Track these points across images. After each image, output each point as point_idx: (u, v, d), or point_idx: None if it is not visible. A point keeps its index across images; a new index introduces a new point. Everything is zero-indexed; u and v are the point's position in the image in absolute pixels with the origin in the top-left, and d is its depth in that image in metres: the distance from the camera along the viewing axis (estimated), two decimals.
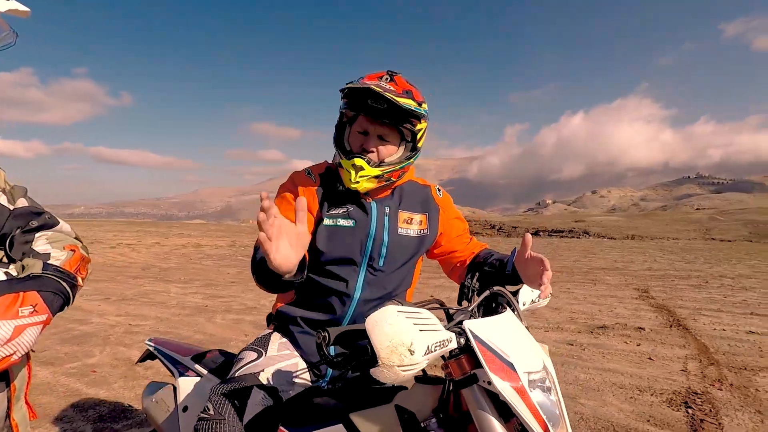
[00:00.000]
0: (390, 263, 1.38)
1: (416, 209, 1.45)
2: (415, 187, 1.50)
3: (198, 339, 4.72)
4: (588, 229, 50.85)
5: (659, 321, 5.76)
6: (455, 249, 1.52)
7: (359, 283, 1.35)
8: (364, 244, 1.35)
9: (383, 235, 1.36)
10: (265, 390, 1.14)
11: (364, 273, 1.36)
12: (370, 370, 0.77)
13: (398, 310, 0.80)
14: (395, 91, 1.25)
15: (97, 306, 6.26)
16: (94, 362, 3.87)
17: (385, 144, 1.32)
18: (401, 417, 1.03)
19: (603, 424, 2.86)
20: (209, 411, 1.09)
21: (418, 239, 1.43)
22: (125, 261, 12.72)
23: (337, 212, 1.36)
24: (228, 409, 1.08)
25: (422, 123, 1.34)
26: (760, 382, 3.55)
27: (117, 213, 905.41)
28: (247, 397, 1.11)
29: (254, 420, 1.08)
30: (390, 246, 1.37)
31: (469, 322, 0.92)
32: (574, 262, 14.39)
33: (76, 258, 1.04)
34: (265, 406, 1.10)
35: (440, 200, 1.52)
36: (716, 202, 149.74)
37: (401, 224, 1.40)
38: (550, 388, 0.93)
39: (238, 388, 1.13)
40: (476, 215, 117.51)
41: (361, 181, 1.29)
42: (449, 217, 1.52)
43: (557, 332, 5.15)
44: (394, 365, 0.75)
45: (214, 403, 1.10)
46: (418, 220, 1.44)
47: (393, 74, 1.30)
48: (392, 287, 1.39)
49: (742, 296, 7.74)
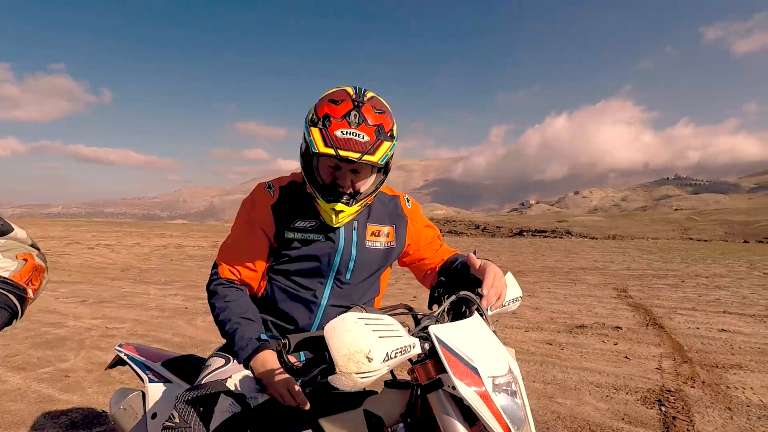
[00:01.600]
0: (357, 276, 1.39)
1: (384, 221, 1.45)
2: (384, 198, 1.49)
3: (177, 342, 4.65)
4: (570, 230, 51.67)
5: (636, 320, 5.88)
6: (425, 256, 1.53)
7: (325, 295, 1.37)
8: (332, 258, 1.35)
9: (351, 249, 1.37)
10: (233, 396, 1.13)
11: (330, 286, 1.37)
12: (328, 377, 0.77)
13: (358, 317, 0.80)
14: (369, 141, 1.19)
15: (73, 309, 6.12)
16: (67, 367, 3.78)
17: (358, 177, 1.30)
18: (369, 422, 1.03)
19: (579, 423, 2.90)
20: (174, 419, 1.07)
21: (385, 252, 1.44)
22: (104, 262, 12.45)
23: (305, 225, 1.35)
24: (194, 417, 1.07)
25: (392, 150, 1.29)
26: (731, 379, 3.65)
27: (96, 213, 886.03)
28: (213, 404, 1.09)
29: (221, 427, 1.06)
30: (357, 260, 1.38)
31: (434, 327, 0.92)
32: (555, 262, 14.60)
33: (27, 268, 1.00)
34: (232, 413, 1.09)
35: (409, 211, 1.51)
36: (694, 203, 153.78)
37: (369, 237, 1.40)
38: (515, 392, 0.94)
39: (204, 394, 1.12)
40: (461, 215, 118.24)
41: (343, 219, 1.31)
42: (418, 227, 1.52)
43: (537, 332, 5.22)
44: (351, 372, 0.75)
45: (179, 410, 1.08)
46: (386, 233, 1.44)
47: (360, 105, 1.21)
48: (359, 297, 1.41)
49: (715, 295, 7.95)
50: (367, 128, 1.20)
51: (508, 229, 55.91)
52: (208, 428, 1.06)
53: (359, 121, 1.19)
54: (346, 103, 1.20)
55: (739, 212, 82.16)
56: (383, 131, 1.23)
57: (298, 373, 0.82)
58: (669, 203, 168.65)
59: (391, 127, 1.27)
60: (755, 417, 2.96)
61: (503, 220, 78.00)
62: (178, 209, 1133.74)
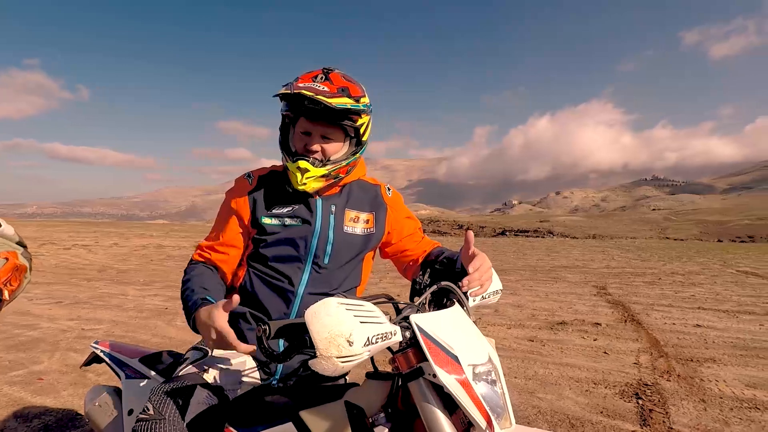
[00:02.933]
0: (335, 261, 1.38)
1: (363, 208, 1.45)
2: (364, 186, 1.50)
3: (156, 342, 4.56)
4: (552, 229, 52.49)
5: (615, 316, 6.00)
6: (407, 248, 1.53)
7: (303, 280, 1.35)
8: (309, 241, 1.35)
9: (328, 232, 1.37)
10: (210, 388, 1.11)
11: (308, 270, 1.36)
12: (309, 362, 0.76)
13: (339, 302, 0.80)
14: (329, 91, 1.23)
15: (48, 310, 5.94)
16: (41, 369, 3.67)
17: (328, 142, 1.32)
18: (350, 412, 1.02)
19: (559, 417, 2.95)
20: (149, 411, 1.05)
21: (364, 237, 1.43)
22: (80, 263, 12.14)
23: (282, 211, 1.37)
24: (169, 408, 1.05)
25: (363, 118, 1.33)
26: (705, 372, 3.76)
27: (73, 213, 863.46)
28: (189, 396, 1.07)
29: (197, 419, 1.04)
30: (335, 244, 1.37)
31: (415, 315, 0.92)
32: (537, 261, 14.81)
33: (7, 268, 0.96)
34: (209, 405, 1.07)
35: (389, 199, 1.52)
36: (670, 203, 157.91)
37: (347, 222, 1.41)
38: (495, 380, 0.95)
39: (180, 386, 1.10)
40: (445, 215, 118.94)
41: (308, 182, 1.30)
42: (399, 217, 1.52)
43: (519, 329, 5.28)
44: (332, 356, 0.75)
45: (153, 402, 1.06)
46: (365, 219, 1.44)
47: (329, 72, 1.28)
48: (338, 284, 1.39)
49: (691, 292, 8.17)
50: (330, 85, 1.25)
51: (492, 228, 56.51)
52: (184, 420, 1.04)
53: (324, 80, 1.26)
54: (317, 71, 1.29)
55: (713, 212, 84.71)
56: (348, 93, 1.26)
57: (279, 359, 0.81)
58: (647, 203, 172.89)
59: (361, 95, 1.30)
60: (728, 408, 3.05)
61: (486, 220, 78.72)
62: (158, 209, 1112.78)
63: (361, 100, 1.30)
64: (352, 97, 1.27)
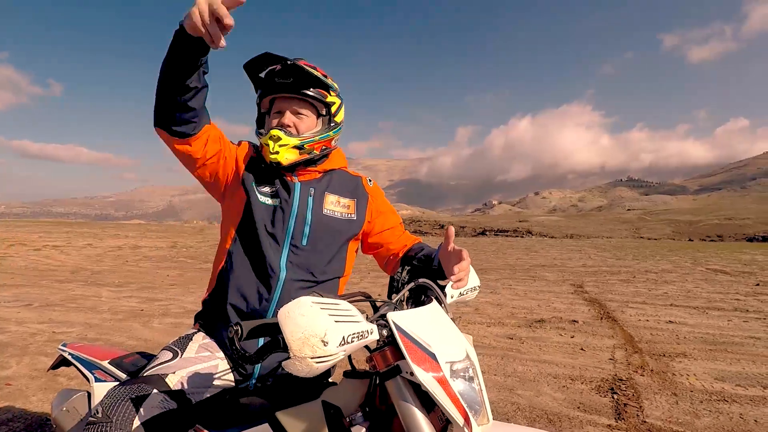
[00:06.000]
0: (313, 242, 1.37)
1: (344, 194, 1.46)
2: (345, 176, 1.51)
3: (131, 345, 4.44)
4: (531, 229, 53.32)
5: (591, 314, 6.13)
6: (388, 241, 1.53)
7: (282, 262, 1.33)
8: (286, 222, 1.34)
9: (306, 213, 1.37)
10: (168, 392, 1.08)
11: (287, 252, 1.34)
12: (283, 363, 0.75)
13: (313, 301, 0.78)
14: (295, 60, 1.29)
15: (16, 313, 5.73)
16: (9, 374, 3.53)
17: (300, 117, 1.35)
18: (327, 412, 1.01)
19: (537, 412, 2.99)
20: (98, 414, 1.02)
21: (345, 222, 1.43)
22: (51, 264, 11.76)
23: (261, 190, 1.37)
24: (118, 412, 1.01)
25: (332, 96, 1.38)
26: (676, 367, 3.87)
27: (44, 212, 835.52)
28: (143, 399, 1.04)
29: (150, 423, 1.02)
30: (313, 225, 1.37)
31: (392, 313, 0.92)
32: (516, 260, 15.01)
33: None
34: (166, 409, 1.04)
35: (371, 189, 1.53)
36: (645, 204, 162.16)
37: (327, 205, 1.41)
38: (472, 377, 0.95)
39: (134, 389, 1.06)
40: (426, 215, 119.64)
41: (281, 151, 1.30)
42: (379, 208, 1.53)
43: (499, 327, 5.35)
44: (306, 357, 0.73)
45: (104, 405, 1.03)
46: (346, 204, 1.45)
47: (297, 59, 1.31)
48: (319, 269, 1.36)
49: (663, 289, 8.41)
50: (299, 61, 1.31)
51: (472, 228, 57.06)
52: (132, 423, 1.00)
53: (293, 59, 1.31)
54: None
55: (685, 212, 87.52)
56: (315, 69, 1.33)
57: (251, 360, 0.80)
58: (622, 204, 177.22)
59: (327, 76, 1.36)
60: (698, 401, 3.15)
61: (467, 220, 79.45)
62: (134, 209, 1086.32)
63: (328, 78, 1.36)
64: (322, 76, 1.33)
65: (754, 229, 49.68)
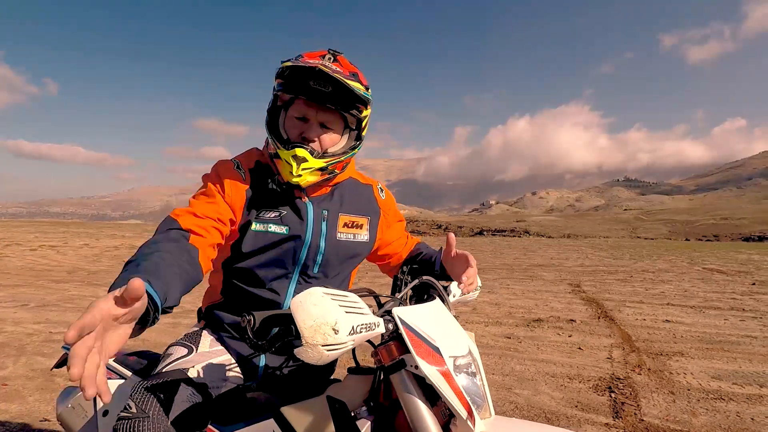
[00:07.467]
0: (325, 270, 1.27)
1: (358, 212, 1.32)
2: (356, 185, 1.37)
3: (130, 345, 4.43)
4: (528, 229, 53.46)
5: (589, 313, 6.15)
6: (394, 251, 1.47)
7: (290, 292, 1.24)
8: (298, 252, 1.22)
9: (319, 241, 1.23)
10: (194, 386, 1.08)
11: (295, 281, 1.25)
12: (294, 350, 0.76)
13: (324, 292, 0.80)
14: (342, 72, 1.10)
15: (12, 313, 5.71)
16: (5, 375, 3.52)
17: (327, 132, 1.18)
18: (332, 407, 1.02)
19: (536, 411, 3.01)
20: (131, 409, 1.01)
21: (358, 245, 1.32)
22: (48, 264, 11.72)
23: (269, 216, 1.20)
24: (153, 406, 1.01)
25: (368, 109, 1.21)
26: (673, 365, 3.90)
27: (40, 213, 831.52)
28: (174, 393, 1.04)
29: (182, 417, 1.01)
30: (326, 253, 1.24)
31: (398, 308, 0.93)
32: (514, 260, 15.06)
33: None
34: (193, 403, 1.04)
35: (383, 202, 1.41)
36: (641, 203, 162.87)
37: (341, 229, 1.27)
38: (475, 372, 0.96)
39: (163, 383, 1.06)
40: (423, 215, 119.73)
41: (304, 174, 1.14)
42: (390, 222, 1.42)
43: (497, 326, 5.36)
44: (318, 344, 0.75)
45: (136, 400, 1.02)
46: (359, 224, 1.32)
47: (336, 54, 1.15)
48: None
49: (660, 288, 8.45)
50: (341, 67, 1.13)
51: (469, 228, 57.20)
52: (168, 417, 1.01)
53: (333, 60, 1.14)
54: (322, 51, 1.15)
55: (681, 212, 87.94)
56: (359, 79, 1.15)
57: (263, 349, 0.81)
58: (620, 204, 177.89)
59: (367, 85, 1.19)
60: (695, 399, 3.17)
61: (464, 220, 79.59)
62: (131, 209, 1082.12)
63: (368, 90, 1.18)
64: (363, 85, 1.16)
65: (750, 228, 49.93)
